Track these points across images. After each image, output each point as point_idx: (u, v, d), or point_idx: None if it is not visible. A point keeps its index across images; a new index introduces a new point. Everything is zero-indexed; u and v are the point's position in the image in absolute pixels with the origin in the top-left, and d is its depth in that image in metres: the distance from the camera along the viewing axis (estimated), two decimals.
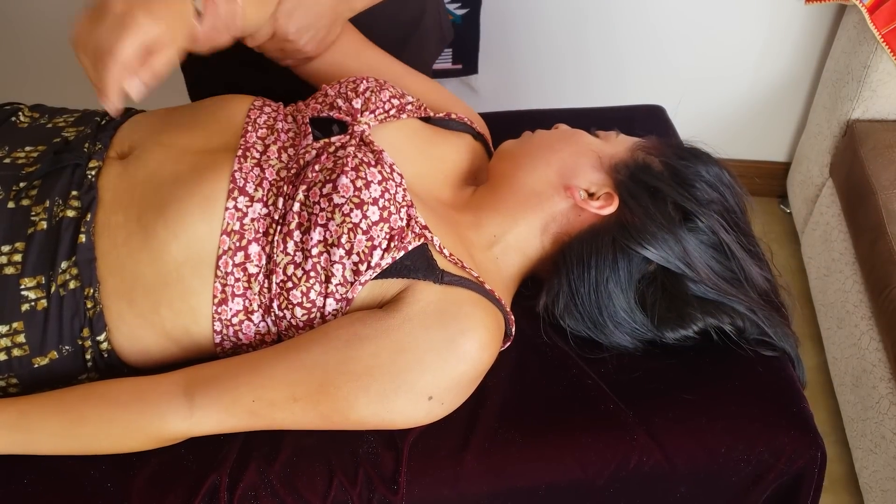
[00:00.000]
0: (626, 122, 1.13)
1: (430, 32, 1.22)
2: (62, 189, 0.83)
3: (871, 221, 1.48)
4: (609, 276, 0.84)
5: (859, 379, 1.46)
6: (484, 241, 0.89)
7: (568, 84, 1.98)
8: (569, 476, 0.80)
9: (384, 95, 0.92)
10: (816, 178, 1.83)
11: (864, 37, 1.62)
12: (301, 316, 0.80)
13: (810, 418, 0.83)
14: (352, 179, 0.79)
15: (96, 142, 0.89)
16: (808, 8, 1.78)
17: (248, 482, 0.76)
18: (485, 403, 0.83)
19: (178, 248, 0.80)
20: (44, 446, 0.78)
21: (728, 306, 0.85)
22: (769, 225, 2.06)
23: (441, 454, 0.79)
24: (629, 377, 0.85)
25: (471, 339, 0.77)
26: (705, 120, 1.98)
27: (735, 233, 0.87)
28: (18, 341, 0.80)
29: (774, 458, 0.81)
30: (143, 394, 0.77)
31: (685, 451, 0.81)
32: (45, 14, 1.94)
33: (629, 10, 1.83)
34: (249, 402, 0.76)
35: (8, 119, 0.94)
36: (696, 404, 0.83)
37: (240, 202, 0.81)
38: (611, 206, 0.87)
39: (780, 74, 1.91)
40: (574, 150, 0.91)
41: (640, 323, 0.85)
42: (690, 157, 0.90)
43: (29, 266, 0.80)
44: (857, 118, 1.69)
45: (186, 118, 0.91)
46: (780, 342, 0.87)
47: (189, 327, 0.81)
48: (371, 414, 0.77)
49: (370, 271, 0.78)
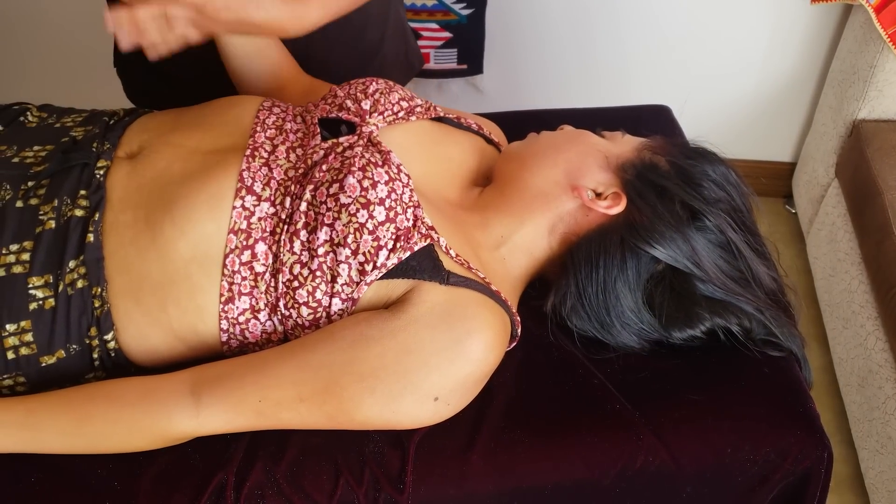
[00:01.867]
0: (631, 122, 1.13)
1: (392, 61, 1.21)
2: (70, 188, 0.84)
3: (877, 222, 1.48)
4: (617, 275, 0.84)
5: (865, 379, 1.46)
6: (491, 241, 0.89)
7: (573, 84, 1.98)
8: (575, 476, 0.80)
9: (393, 97, 0.92)
10: (822, 178, 1.83)
11: (870, 37, 1.62)
12: (307, 315, 0.80)
13: (817, 419, 0.83)
14: (358, 179, 0.79)
15: (105, 141, 0.89)
16: (814, 8, 1.78)
17: (255, 481, 0.77)
18: (491, 403, 0.83)
19: (186, 245, 0.80)
20: (51, 445, 0.78)
21: (736, 306, 0.85)
22: (775, 225, 2.06)
23: (447, 454, 0.79)
24: (636, 377, 0.85)
25: (477, 340, 0.77)
26: (711, 120, 1.97)
27: (743, 232, 0.87)
28: (26, 340, 0.80)
29: (781, 458, 0.81)
30: (150, 393, 0.77)
31: (691, 452, 0.80)
32: (49, 15, 1.95)
33: (634, 11, 1.83)
34: (256, 402, 0.76)
35: (16, 119, 0.94)
36: (702, 404, 0.83)
37: (247, 201, 0.81)
38: (619, 206, 0.87)
39: (786, 74, 1.90)
40: (580, 151, 0.91)
41: (647, 323, 0.85)
42: (697, 156, 0.90)
43: (37, 265, 0.80)
44: (864, 118, 1.69)
45: (195, 118, 0.92)
46: (787, 342, 0.87)
47: (196, 326, 0.82)
48: (377, 414, 0.77)
49: (376, 271, 0.78)
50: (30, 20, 1.97)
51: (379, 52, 1.17)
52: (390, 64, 1.21)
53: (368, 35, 1.14)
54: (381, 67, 1.19)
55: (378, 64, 1.18)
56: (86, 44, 1.87)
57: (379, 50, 1.17)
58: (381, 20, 1.16)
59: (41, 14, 1.95)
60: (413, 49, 1.30)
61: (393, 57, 1.22)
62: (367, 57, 1.16)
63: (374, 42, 1.16)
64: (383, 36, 1.17)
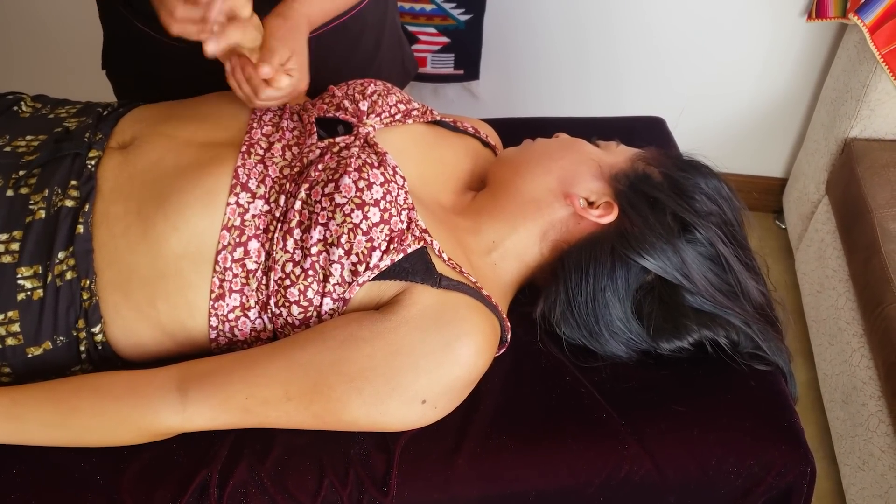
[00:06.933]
0: (626, 132, 1.13)
1: (388, 67, 1.22)
2: (61, 178, 0.83)
3: (865, 239, 1.49)
4: (607, 284, 0.84)
5: (849, 396, 1.47)
6: (483, 246, 0.89)
7: (568, 94, 1.99)
8: (559, 483, 0.80)
9: (391, 100, 0.93)
10: (813, 194, 1.84)
11: (864, 56, 1.63)
12: (297, 314, 0.80)
13: (801, 433, 0.83)
14: (354, 180, 0.79)
15: (97, 132, 0.88)
16: (810, 26, 1.79)
17: (239, 479, 0.76)
18: (478, 408, 0.83)
19: (178, 241, 0.80)
20: (35, 436, 0.77)
21: (723, 318, 0.85)
22: (764, 240, 2.07)
23: (433, 458, 0.79)
24: (623, 387, 0.85)
25: (466, 344, 0.77)
26: (704, 134, 1.98)
27: (733, 246, 0.88)
28: (13, 330, 0.80)
29: (764, 471, 0.82)
30: (137, 387, 0.77)
31: (676, 462, 0.81)
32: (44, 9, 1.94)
33: (631, 25, 1.84)
34: (243, 399, 0.76)
35: (10, 108, 0.93)
36: (688, 416, 0.83)
37: (241, 198, 0.81)
38: (610, 215, 0.87)
39: (780, 91, 1.92)
40: (574, 159, 0.92)
41: (635, 333, 0.86)
42: (690, 169, 0.90)
43: (26, 255, 0.80)
44: (855, 137, 1.70)
45: (190, 111, 0.92)
46: (774, 356, 0.87)
47: (185, 322, 0.81)
48: (364, 415, 0.77)
49: (368, 272, 0.78)
50: (24, 13, 1.96)
51: (375, 59, 1.18)
52: (386, 70, 1.21)
53: (364, 42, 1.14)
54: (377, 74, 1.19)
55: (374, 71, 1.19)
56: (80, 39, 1.86)
57: (375, 57, 1.18)
58: (377, 27, 1.16)
59: (36, 7, 1.95)
60: (408, 55, 1.30)
61: (389, 63, 1.22)
62: (363, 64, 1.17)
63: (371, 49, 1.16)
64: (379, 43, 1.18)
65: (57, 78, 2.06)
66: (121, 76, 1.20)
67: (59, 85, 1.81)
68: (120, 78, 1.21)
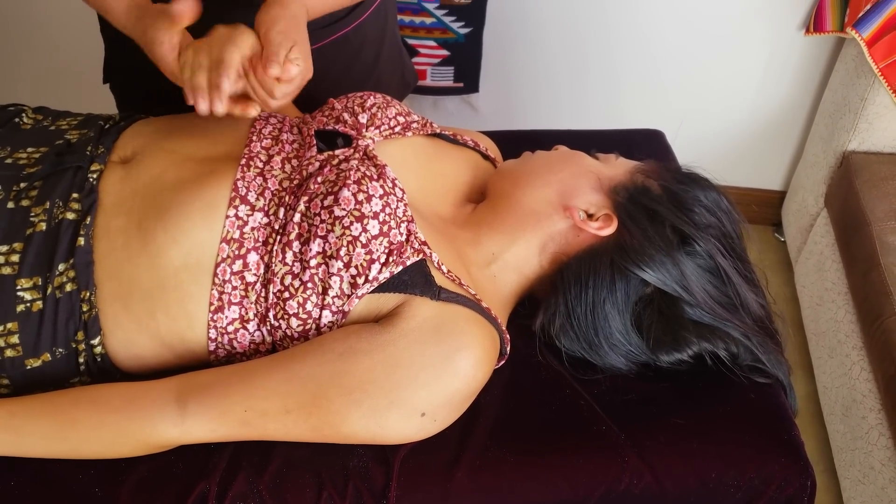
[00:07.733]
0: (625, 145, 1.13)
1: (387, 79, 1.22)
2: (63, 191, 0.83)
3: (864, 252, 1.49)
4: (606, 297, 0.84)
5: (849, 409, 1.46)
6: (482, 258, 0.89)
7: (567, 107, 2.00)
8: (559, 496, 0.79)
9: (390, 112, 0.93)
10: (811, 207, 1.84)
11: (862, 70, 1.64)
12: (296, 327, 0.80)
13: (801, 446, 0.83)
14: (353, 192, 0.80)
15: (99, 145, 0.89)
16: (808, 39, 1.80)
17: (237, 492, 0.76)
18: (477, 421, 0.83)
19: (178, 253, 0.80)
20: (33, 448, 0.77)
21: (723, 331, 0.85)
22: (764, 252, 2.07)
23: (432, 470, 0.79)
24: (622, 399, 0.85)
25: (466, 356, 0.77)
26: (703, 146, 1.99)
27: (732, 258, 0.88)
28: (12, 342, 0.80)
29: (765, 484, 0.81)
30: (135, 399, 0.77)
31: (676, 475, 0.81)
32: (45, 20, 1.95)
33: (630, 38, 1.85)
34: (241, 412, 0.76)
35: (11, 120, 0.94)
36: (688, 428, 0.83)
37: (241, 211, 0.81)
38: (609, 228, 0.87)
39: (779, 104, 1.93)
40: (574, 171, 0.92)
41: (635, 345, 0.86)
42: (689, 181, 0.90)
43: (26, 267, 0.80)
44: (853, 150, 1.71)
45: (191, 125, 0.92)
46: (773, 369, 0.87)
47: (184, 334, 0.81)
48: (363, 428, 0.76)
49: (367, 285, 0.78)
50: (26, 24, 1.97)
51: (375, 71, 1.18)
52: (386, 83, 1.22)
53: (365, 55, 1.15)
54: (376, 87, 1.20)
55: (374, 83, 1.19)
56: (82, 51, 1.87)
57: (375, 69, 1.18)
58: (377, 40, 1.17)
59: (38, 19, 1.95)
60: (408, 68, 1.31)
61: (389, 76, 1.23)
62: (363, 76, 1.17)
63: (371, 62, 1.17)
64: (379, 56, 1.18)
65: (58, 90, 2.07)
66: (122, 89, 1.21)
67: (60, 97, 1.81)
68: (121, 91, 1.21)
